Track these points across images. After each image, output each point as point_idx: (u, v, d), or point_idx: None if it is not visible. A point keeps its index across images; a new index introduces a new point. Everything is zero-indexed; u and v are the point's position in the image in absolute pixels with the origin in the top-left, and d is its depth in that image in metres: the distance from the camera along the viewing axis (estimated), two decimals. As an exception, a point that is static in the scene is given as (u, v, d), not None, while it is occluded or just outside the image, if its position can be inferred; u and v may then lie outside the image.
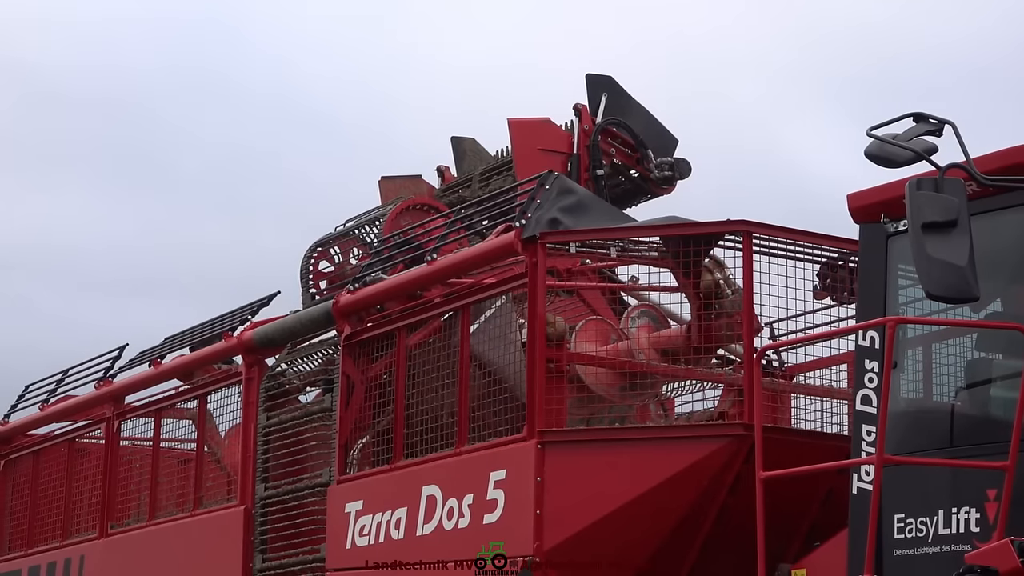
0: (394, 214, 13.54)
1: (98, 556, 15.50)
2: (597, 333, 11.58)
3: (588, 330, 11.55)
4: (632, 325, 11.48)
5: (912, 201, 8.30)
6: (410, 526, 11.63)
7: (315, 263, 14.19)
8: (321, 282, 14.18)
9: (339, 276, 14.05)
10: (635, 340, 11.34)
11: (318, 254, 14.21)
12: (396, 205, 13.63)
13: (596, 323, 11.68)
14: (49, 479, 16.79)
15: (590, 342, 11.45)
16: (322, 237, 14.25)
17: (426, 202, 13.80)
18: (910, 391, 9.77)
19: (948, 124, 8.68)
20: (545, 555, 10.56)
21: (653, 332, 11.45)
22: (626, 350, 11.40)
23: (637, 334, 11.39)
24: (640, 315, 11.58)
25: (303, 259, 14.15)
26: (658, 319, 11.56)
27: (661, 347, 11.33)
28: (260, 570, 13.21)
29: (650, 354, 11.30)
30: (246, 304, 14.43)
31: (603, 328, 11.67)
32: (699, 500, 10.59)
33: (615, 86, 13.52)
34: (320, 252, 14.22)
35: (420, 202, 13.77)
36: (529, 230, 10.98)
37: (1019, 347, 8.76)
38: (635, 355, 11.30)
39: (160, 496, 14.98)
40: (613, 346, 11.53)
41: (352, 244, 14.16)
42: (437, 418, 11.76)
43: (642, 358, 11.27)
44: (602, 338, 11.57)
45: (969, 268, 8.18)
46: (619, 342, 11.52)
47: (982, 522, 8.72)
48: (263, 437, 13.35)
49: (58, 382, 16.97)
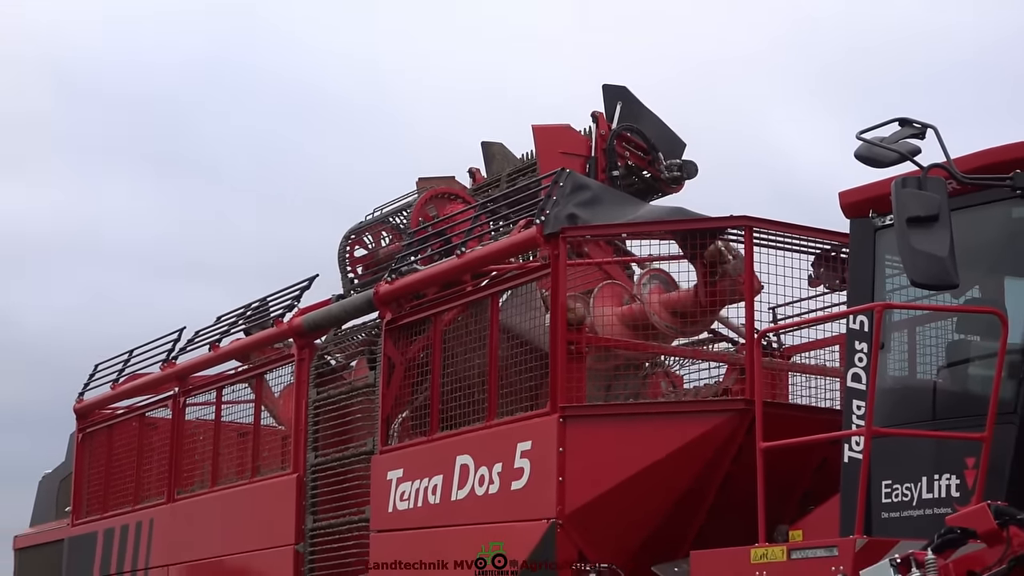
0: (421, 202, 13.58)
1: (166, 519, 15.52)
2: (612, 296, 11.57)
3: (604, 293, 11.55)
4: (644, 288, 11.45)
5: (898, 198, 8.27)
6: (445, 492, 11.62)
7: (351, 250, 14.18)
8: (357, 267, 14.18)
9: (373, 261, 14.06)
10: (647, 302, 11.30)
11: (352, 241, 14.19)
12: (423, 194, 13.67)
13: (611, 287, 11.66)
14: (122, 450, 16.82)
15: (606, 304, 11.44)
16: (354, 225, 14.23)
17: (449, 191, 13.81)
18: (896, 369, 9.74)
19: (930, 128, 8.65)
20: (567, 517, 10.55)
21: (664, 294, 11.41)
22: (639, 310, 11.37)
23: (649, 296, 11.35)
24: (651, 279, 11.54)
25: (339, 247, 14.14)
26: (668, 282, 11.51)
27: (671, 308, 11.29)
28: (311, 530, 13.22)
29: (662, 314, 11.28)
30: (289, 286, 14.42)
31: (618, 291, 11.66)
32: (705, 468, 10.57)
33: (629, 95, 13.50)
34: (354, 239, 14.21)
35: (444, 191, 13.79)
36: (550, 226, 10.99)
37: (995, 329, 8.72)
38: (648, 315, 11.27)
39: (221, 465, 15.00)
40: (627, 307, 11.51)
41: (382, 230, 14.15)
42: (469, 394, 11.75)
43: (655, 318, 11.24)
44: (617, 300, 11.56)
45: (949, 258, 8.15)
46: (632, 303, 11.50)
47: (962, 487, 8.70)
48: (313, 411, 13.36)
49: (124, 362, 16.98)
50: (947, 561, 7.29)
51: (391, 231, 14.04)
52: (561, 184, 11.34)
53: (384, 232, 14.12)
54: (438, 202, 13.69)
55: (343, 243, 14.13)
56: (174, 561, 15.24)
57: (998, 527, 7.21)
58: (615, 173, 13.00)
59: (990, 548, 7.26)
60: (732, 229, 11.02)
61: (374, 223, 14.16)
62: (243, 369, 14.95)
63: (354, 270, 14.15)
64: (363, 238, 14.23)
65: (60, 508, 18.36)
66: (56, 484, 18.97)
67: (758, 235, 10.87)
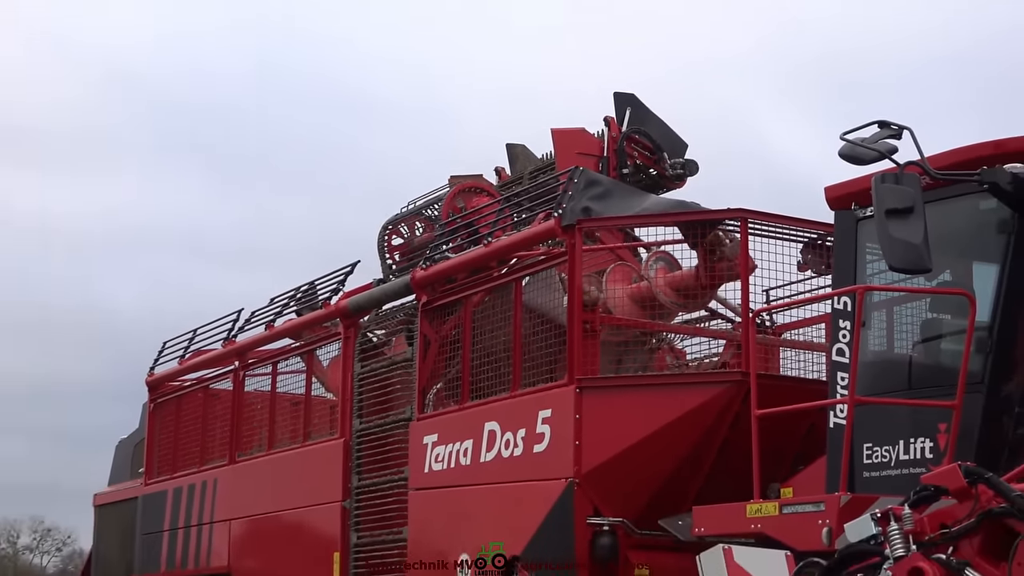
0: (451, 196, 13.59)
1: (228, 479, 15.54)
2: (622, 276, 11.55)
3: (615, 273, 11.53)
4: (651, 268, 11.42)
5: (877, 192, 8.24)
6: (475, 454, 11.62)
7: (388, 239, 14.18)
8: (395, 254, 14.19)
9: (408, 248, 14.06)
10: (654, 281, 11.27)
11: (390, 231, 14.18)
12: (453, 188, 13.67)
13: (621, 268, 11.63)
14: (188, 418, 16.83)
15: (617, 283, 11.42)
16: (392, 216, 14.21)
17: (477, 185, 13.81)
18: (876, 345, 9.71)
19: (906, 129, 8.61)
20: (583, 477, 10.54)
21: (668, 274, 11.38)
22: (646, 289, 11.34)
23: (655, 276, 11.33)
24: (656, 260, 11.50)
25: (378, 236, 14.14)
26: (671, 263, 11.48)
27: (675, 286, 11.27)
28: (356, 488, 13.22)
29: (666, 291, 11.25)
30: (334, 270, 14.41)
31: (627, 271, 11.62)
32: (706, 433, 10.55)
33: (636, 101, 13.49)
34: (391, 230, 14.19)
35: (472, 185, 13.79)
36: (567, 218, 10.99)
37: (964, 309, 8.70)
38: (654, 293, 11.24)
39: (277, 431, 15.01)
40: (635, 285, 11.48)
41: (416, 221, 14.15)
42: (496, 367, 11.75)
43: (660, 295, 11.21)
44: (626, 279, 11.54)
45: (924, 246, 8.12)
46: (640, 282, 11.47)
47: (935, 450, 8.68)
48: (358, 382, 13.37)
49: (189, 340, 17.01)
50: (922, 515, 7.26)
51: (424, 221, 14.05)
52: (575, 180, 11.35)
53: (418, 222, 14.12)
54: (466, 195, 13.71)
55: (382, 233, 14.13)
56: (235, 516, 15.27)
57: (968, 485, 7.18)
58: (625, 171, 12.99)
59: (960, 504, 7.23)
60: (729, 220, 11.00)
61: (409, 215, 14.16)
62: (296, 345, 14.97)
63: (392, 257, 14.15)
64: (399, 228, 14.23)
65: (134, 469, 18.39)
66: (131, 448, 19.00)
67: (753, 225, 10.87)
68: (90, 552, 19.86)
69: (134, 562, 17.41)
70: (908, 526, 7.13)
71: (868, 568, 7.17)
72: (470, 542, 11.55)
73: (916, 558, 6.99)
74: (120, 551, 18.12)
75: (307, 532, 14.00)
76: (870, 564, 7.18)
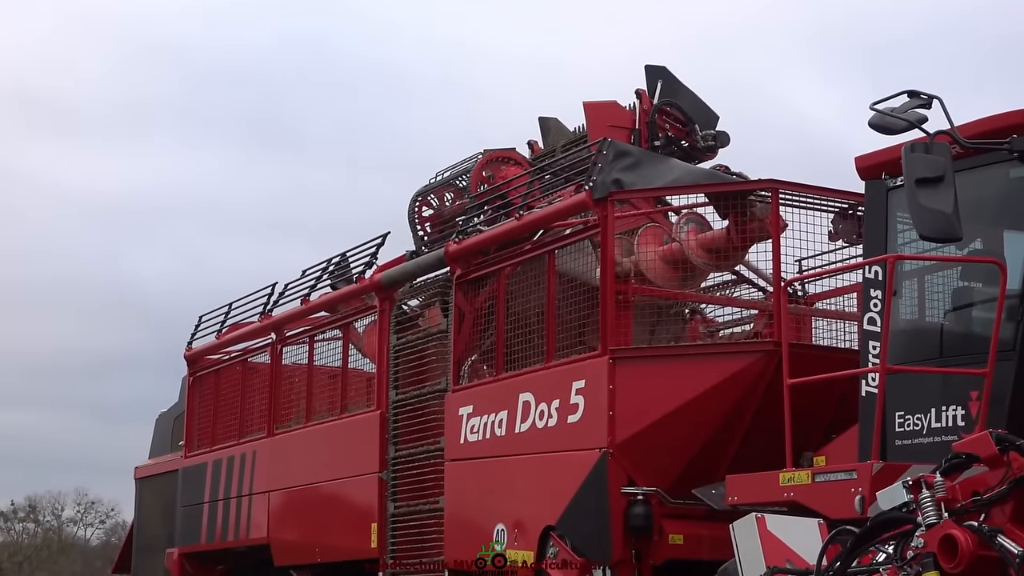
0: (479, 166, 13.60)
1: (266, 451, 15.63)
2: (654, 236, 11.53)
3: (646, 234, 11.51)
4: (682, 230, 11.39)
5: (907, 161, 8.23)
6: (510, 425, 11.66)
7: (419, 210, 14.22)
8: (426, 225, 14.23)
9: (439, 219, 14.10)
10: (685, 241, 11.24)
11: (420, 202, 14.23)
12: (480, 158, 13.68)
13: (653, 229, 11.57)
14: (227, 391, 16.92)
15: (649, 245, 11.41)
16: (421, 188, 14.25)
17: (505, 155, 13.82)
18: (907, 313, 9.69)
19: (936, 99, 8.59)
20: (617, 447, 10.57)
21: (699, 234, 11.35)
22: (678, 249, 11.33)
23: (686, 236, 11.31)
24: (687, 221, 11.46)
25: (408, 208, 14.19)
26: (702, 224, 11.44)
27: (706, 246, 11.24)
28: (393, 458, 13.29)
29: (698, 251, 11.23)
30: (365, 242, 14.44)
31: (658, 232, 11.58)
32: (739, 403, 10.56)
33: (668, 74, 13.47)
34: (421, 200, 14.24)
35: (501, 155, 13.80)
36: (598, 191, 10.98)
37: (995, 277, 8.67)
38: (686, 253, 11.21)
39: (314, 404, 15.08)
40: (667, 246, 11.47)
41: (445, 190, 14.17)
42: (530, 339, 11.77)
43: (692, 256, 11.19)
44: (657, 240, 11.52)
45: (954, 214, 8.10)
46: (671, 243, 11.46)
47: (966, 417, 8.66)
48: (394, 354, 13.41)
49: (225, 314, 17.07)
50: (954, 483, 7.26)
51: (454, 191, 14.07)
52: (604, 152, 11.32)
53: (448, 193, 14.15)
54: (494, 166, 13.73)
55: (412, 204, 14.18)
56: (274, 488, 15.36)
57: (999, 452, 7.17)
58: (656, 143, 12.97)
59: (992, 471, 7.22)
60: (761, 191, 10.98)
61: (438, 185, 14.19)
62: (333, 318, 15.02)
63: (423, 228, 14.22)
64: (429, 199, 14.28)
65: (174, 442, 18.51)
66: (171, 421, 19.12)
67: (784, 196, 10.84)
68: (132, 524, 20.02)
69: (175, 534, 17.55)
70: (940, 493, 7.13)
71: (900, 536, 7.17)
72: (506, 512, 11.61)
73: (948, 525, 6.99)
74: (161, 523, 18.27)
75: (345, 503, 14.09)
76: (902, 532, 7.18)
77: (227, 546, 16.29)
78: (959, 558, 6.85)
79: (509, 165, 13.74)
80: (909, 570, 6.99)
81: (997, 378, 8.44)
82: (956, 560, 6.85)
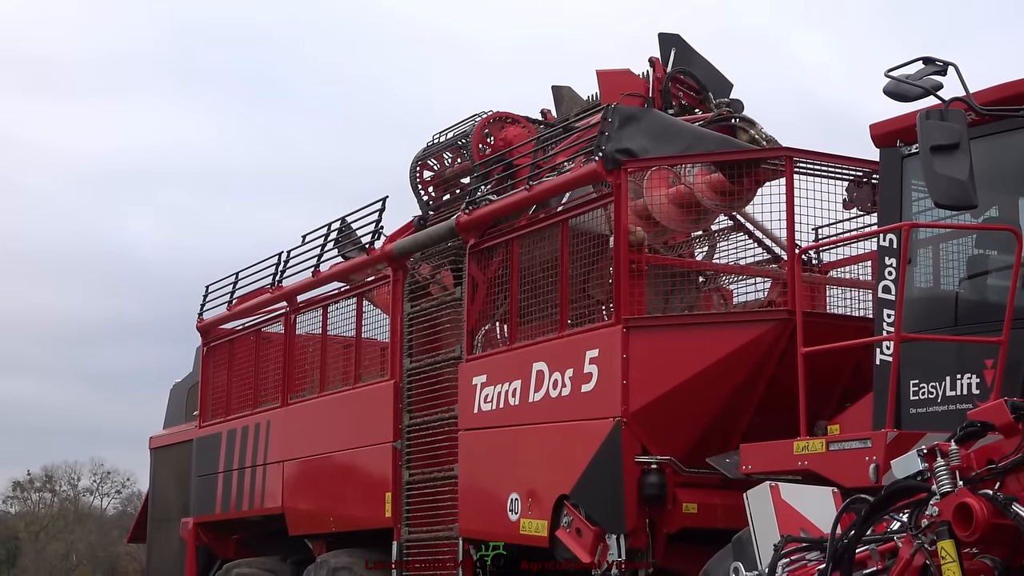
0: (479, 128, 13.57)
1: (281, 421, 15.66)
2: (661, 179, 11.47)
3: (654, 176, 11.45)
4: (690, 172, 11.33)
5: (922, 128, 8.19)
6: (523, 394, 11.65)
7: (420, 173, 14.21)
8: (428, 188, 14.24)
9: (440, 180, 14.08)
10: (694, 183, 11.18)
11: (420, 165, 14.22)
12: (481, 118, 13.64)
13: (659, 171, 11.45)
14: (241, 362, 16.93)
15: (657, 188, 11.35)
16: (420, 152, 14.22)
17: (506, 115, 13.78)
18: (922, 281, 9.67)
19: (951, 65, 8.54)
20: (630, 416, 10.56)
21: (707, 175, 11.29)
22: (686, 191, 11.27)
23: (694, 178, 11.25)
24: (694, 163, 11.39)
25: (410, 173, 14.18)
26: (710, 165, 11.37)
27: (715, 188, 11.18)
28: (407, 427, 13.30)
29: (707, 193, 11.17)
30: (365, 205, 14.35)
31: (665, 175, 11.50)
32: (753, 371, 10.54)
33: (682, 42, 13.43)
34: (422, 164, 14.24)
35: (501, 115, 13.76)
36: (609, 161, 10.91)
37: (1010, 245, 8.65)
38: (695, 194, 11.15)
39: (328, 373, 15.09)
40: (675, 188, 11.42)
41: (444, 152, 14.15)
42: (543, 308, 11.75)
43: (703, 198, 11.14)
44: (664, 183, 11.46)
45: (969, 182, 8.07)
46: (679, 184, 11.40)
47: (981, 386, 8.65)
48: (408, 323, 13.40)
49: (233, 284, 17.06)
50: (968, 451, 7.23)
51: (454, 151, 14.03)
52: (610, 120, 11.23)
53: (447, 153, 14.12)
54: (494, 127, 13.69)
55: (412, 168, 14.18)
56: (288, 457, 15.38)
57: (1014, 420, 7.14)
58: (670, 111, 12.92)
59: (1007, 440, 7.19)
60: (775, 159, 10.94)
61: (437, 148, 14.16)
62: (346, 289, 15.01)
63: (426, 191, 14.21)
64: (428, 162, 14.26)
65: (189, 412, 18.54)
66: (185, 391, 19.15)
67: (799, 164, 10.80)
68: (147, 494, 20.08)
69: (189, 504, 17.60)
70: (955, 462, 7.10)
71: (915, 504, 7.16)
72: (520, 482, 11.61)
73: (963, 494, 6.97)
74: (176, 493, 18.31)
75: (359, 472, 14.12)
76: (917, 500, 7.16)
77: (242, 516, 16.33)
78: (974, 526, 6.82)
79: (508, 124, 13.68)
80: (924, 538, 6.97)
81: (1012, 346, 8.42)
82: (971, 528, 6.83)
